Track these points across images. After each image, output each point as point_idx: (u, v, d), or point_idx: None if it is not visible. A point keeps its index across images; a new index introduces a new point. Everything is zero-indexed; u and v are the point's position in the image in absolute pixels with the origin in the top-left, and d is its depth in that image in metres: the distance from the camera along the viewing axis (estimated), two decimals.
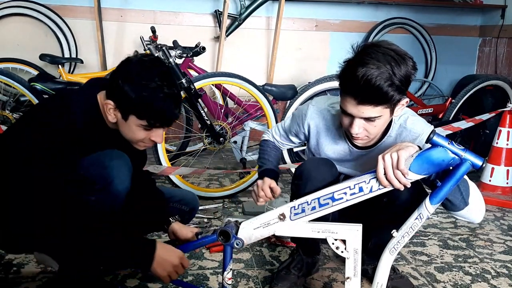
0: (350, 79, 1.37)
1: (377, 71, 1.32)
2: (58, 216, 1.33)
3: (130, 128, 1.46)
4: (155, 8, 4.06)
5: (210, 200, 2.81)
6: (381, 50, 1.36)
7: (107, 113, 1.46)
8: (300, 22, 4.29)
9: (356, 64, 1.36)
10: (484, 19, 4.61)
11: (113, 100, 1.44)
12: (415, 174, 1.30)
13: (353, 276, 1.38)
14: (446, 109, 3.60)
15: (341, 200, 1.37)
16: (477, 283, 1.95)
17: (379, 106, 1.38)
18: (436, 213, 2.76)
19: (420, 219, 1.34)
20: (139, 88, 1.40)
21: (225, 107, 3.27)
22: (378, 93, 1.34)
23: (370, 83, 1.33)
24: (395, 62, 1.34)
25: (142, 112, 1.43)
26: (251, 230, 1.45)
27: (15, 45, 3.87)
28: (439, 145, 1.28)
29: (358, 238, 1.37)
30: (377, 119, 1.42)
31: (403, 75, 1.36)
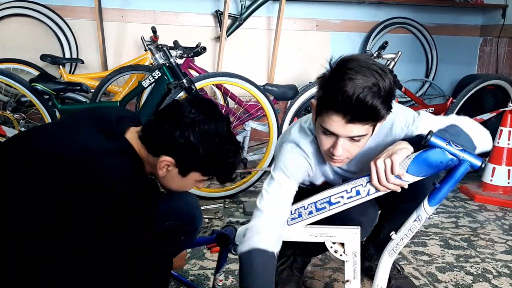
0: (337, 96, 1.20)
1: (368, 87, 1.19)
2: None
3: (185, 182, 1.33)
4: (155, 8, 4.06)
5: (211, 200, 2.80)
6: (363, 64, 1.24)
7: (158, 169, 1.27)
8: (301, 22, 4.29)
9: (341, 80, 1.21)
10: (485, 19, 4.61)
11: (173, 156, 1.25)
12: (413, 176, 1.29)
13: (353, 279, 1.38)
14: (447, 109, 3.59)
15: (338, 204, 1.36)
16: (478, 283, 1.95)
17: (368, 124, 1.26)
18: (437, 213, 2.76)
19: (419, 221, 1.34)
20: (213, 146, 1.25)
21: (226, 107, 3.27)
22: (372, 111, 1.21)
23: (363, 101, 1.19)
24: (380, 77, 1.22)
25: (211, 170, 1.32)
26: None
27: (15, 45, 3.88)
28: (437, 146, 1.26)
29: (356, 241, 1.37)
30: (362, 138, 1.29)
31: (388, 90, 1.23)
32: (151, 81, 2.83)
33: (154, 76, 2.82)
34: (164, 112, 1.30)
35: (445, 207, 2.87)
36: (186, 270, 1.95)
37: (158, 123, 1.27)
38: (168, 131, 1.24)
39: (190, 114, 1.25)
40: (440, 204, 2.95)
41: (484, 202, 2.98)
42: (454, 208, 2.87)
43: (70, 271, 1.12)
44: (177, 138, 1.23)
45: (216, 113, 1.30)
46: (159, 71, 2.80)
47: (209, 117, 1.27)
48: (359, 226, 1.39)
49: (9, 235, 1.10)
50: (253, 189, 2.94)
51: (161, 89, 2.83)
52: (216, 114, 1.30)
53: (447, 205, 2.91)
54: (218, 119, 1.29)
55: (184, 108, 1.26)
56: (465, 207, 2.90)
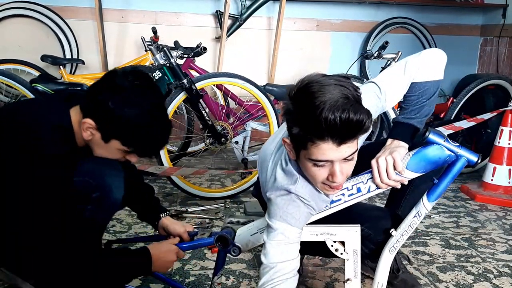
0: (319, 125, 1.13)
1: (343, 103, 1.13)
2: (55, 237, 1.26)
3: (108, 150, 1.36)
4: (156, 9, 4.06)
5: (212, 201, 2.81)
6: (322, 82, 1.18)
7: (82, 130, 1.32)
8: (301, 22, 4.29)
9: (313, 106, 1.13)
10: (485, 19, 4.61)
11: (95, 120, 1.30)
12: (412, 172, 1.32)
13: (353, 277, 1.38)
14: (448, 109, 3.59)
15: (339, 201, 1.37)
16: (479, 283, 1.94)
17: (357, 138, 1.20)
18: (438, 213, 2.76)
19: (419, 217, 1.37)
20: (133, 116, 1.28)
21: (227, 108, 3.27)
22: (359, 124, 1.14)
23: (348, 119, 1.12)
24: (343, 87, 1.17)
25: (131, 140, 1.33)
26: (248, 236, 1.44)
27: (16, 46, 3.88)
28: (435, 143, 1.30)
29: (357, 239, 1.36)
30: (354, 154, 1.22)
31: (356, 95, 1.19)
32: None
33: (154, 77, 2.82)
34: (101, 79, 1.35)
35: (446, 207, 2.87)
36: (187, 270, 1.95)
37: (92, 88, 1.34)
38: (93, 94, 1.31)
39: (118, 81, 1.29)
40: (441, 204, 2.96)
41: (485, 201, 2.98)
42: (455, 208, 2.87)
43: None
44: (99, 102, 1.28)
45: (147, 87, 1.33)
46: (160, 71, 2.80)
47: (137, 88, 1.30)
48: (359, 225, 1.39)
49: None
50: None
51: (162, 90, 2.83)
52: (147, 87, 1.33)
53: (448, 205, 2.91)
54: (147, 92, 1.32)
55: (116, 76, 1.31)
56: (466, 207, 2.90)
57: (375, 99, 1.40)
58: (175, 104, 2.73)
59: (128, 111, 1.27)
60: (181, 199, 2.82)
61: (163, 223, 1.69)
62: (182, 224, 1.69)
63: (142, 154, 1.41)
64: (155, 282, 1.82)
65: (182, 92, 2.72)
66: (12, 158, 1.25)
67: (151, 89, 1.34)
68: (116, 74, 1.32)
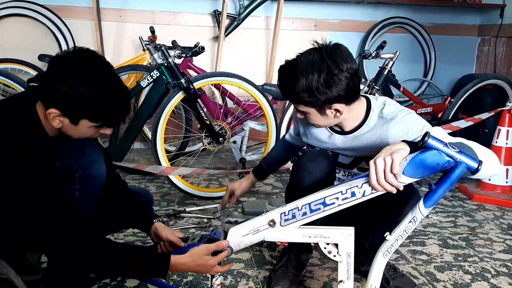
0: (278, 73, 1.57)
1: (293, 76, 1.49)
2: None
3: (80, 130, 1.40)
4: (154, 8, 4.06)
5: (210, 200, 2.80)
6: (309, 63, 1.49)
7: (51, 121, 1.36)
8: (299, 22, 4.29)
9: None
10: (483, 19, 4.62)
11: (57, 107, 1.34)
12: (408, 177, 1.27)
13: (346, 279, 1.37)
14: (446, 109, 3.60)
15: (333, 205, 1.35)
16: (477, 282, 1.95)
17: (298, 104, 1.56)
18: (436, 212, 2.76)
19: (414, 222, 1.32)
20: (89, 92, 1.32)
21: (224, 107, 3.28)
22: (289, 92, 1.53)
23: (283, 82, 1.56)
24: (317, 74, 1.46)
25: (96, 115, 1.37)
26: (240, 237, 1.43)
27: (14, 45, 3.87)
28: (434, 148, 1.23)
29: (350, 242, 1.36)
30: (306, 113, 1.57)
31: (317, 87, 1.47)
32: (149, 81, 2.84)
33: (152, 76, 2.82)
34: (47, 68, 1.37)
35: (444, 207, 2.88)
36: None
37: (43, 78, 1.37)
38: (47, 84, 1.34)
39: (64, 64, 1.34)
40: (439, 203, 2.97)
41: (482, 201, 2.99)
42: (453, 208, 2.87)
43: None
44: (54, 89, 1.32)
45: (92, 61, 1.37)
46: (158, 71, 2.80)
47: (83, 65, 1.33)
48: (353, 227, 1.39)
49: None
50: (252, 188, 2.94)
51: (160, 89, 2.83)
52: (92, 61, 1.37)
53: (445, 205, 2.91)
54: (93, 65, 1.36)
55: (61, 60, 1.35)
56: (463, 207, 2.90)
57: (408, 125, 1.54)
58: (173, 104, 2.72)
59: (82, 89, 1.31)
60: (179, 199, 2.82)
61: (155, 228, 1.67)
62: (172, 231, 1.66)
63: (111, 124, 1.45)
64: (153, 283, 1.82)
65: (180, 92, 2.71)
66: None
67: (96, 61, 1.38)
68: (60, 59, 1.36)
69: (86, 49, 1.40)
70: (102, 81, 1.35)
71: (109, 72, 1.39)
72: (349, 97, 1.52)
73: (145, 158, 3.70)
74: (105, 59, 1.43)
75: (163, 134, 2.73)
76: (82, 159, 1.48)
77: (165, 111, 2.70)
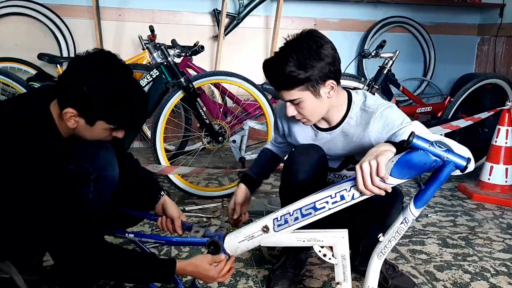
0: (264, 71, 1.57)
1: (280, 61, 1.50)
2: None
3: (95, 131, 1.40)
4: (153, 7, 4.06)
5: (209, 200, 2.80)
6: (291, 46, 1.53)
7: (66, 121, 1.36)
8: (299, 21, 4.29)
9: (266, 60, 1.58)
10: (482, 18, 4.62)
11: (74, 107, 1.34)
12: (396, 179, 1.26)
13: (343, 281, 1.38)
14: (445, 108, 3.60)
15: (324, 209, 1.34)
16: (476, 282, 1.95)
17: (293, 90, 1.52)
18: (435, 211, 2.76)
19: (406, 223, 1.31)
20: (110, 95, 1.32)
21: (224, 106, 3.28)
22: (281, 77, 1.51)
23: (273, 70, 1.53)
24: (300, 52, 1.49)
25: (114, 117, 1.38)
26: (236, 244, 1.45)
27: (13, 44, 3.86)
28: (420, 148, 1.21)
29: (344, 244, 1.36)
30: (300, 101, 1.55)
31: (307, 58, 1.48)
32: (149, 80, 2.83)
33: (152, 75, 2.82)
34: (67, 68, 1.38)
35: (443, 206, 2.88)
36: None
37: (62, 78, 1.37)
38: (66, 84, 1.34)
39: (85, 66, 1.34)
40: (438, 202, 2.97)
41: (482, 200, 2.99)
42: (452, 207, 2.87)
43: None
44: (74, 89, 1.31)
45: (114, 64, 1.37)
46: (157, 70, 2.79)
47: (105, 68, 1.34)
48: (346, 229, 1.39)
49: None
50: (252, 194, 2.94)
51: (159, 88, 2.82)
52: (114, 65, 1.37)
53: (445, 204, 2.91)
54: (115, 69, 1.36)
55: (82, 61, 1.35)
56: (463, 206, 2.90)
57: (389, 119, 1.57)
58: (173, 103, 2.72)
59: (103, 91, 1.31)
60: (178, 198, 2.82)
61: (163, 201, 1.71)
62: (179, 210, 1.71)
63: (127, 127, 1.45)
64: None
65: (179, 91, 2.71)
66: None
67: (117, 64, 1.38)
68: (81, 60, 1.36)
69: (107, 52, 1.41)
70: (123, 84, 1.35)
71: (129, 76, 1.40)
72: (337, 72, 1.56)
73: (145, 157, 3.69)
74: (125, 62, 1.43)
75: (162, 133, 2.73)
76: (97, 161, 1.48)
77: (165, 110, 2.69)
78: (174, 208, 1.70)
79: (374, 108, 1.61)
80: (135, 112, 1.41)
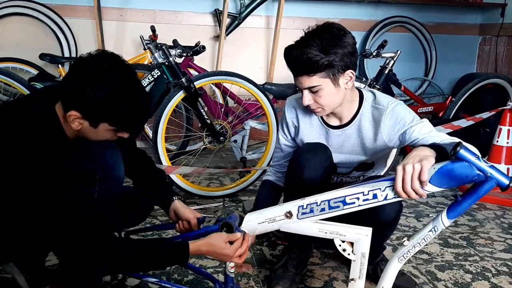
0: (286, 56, 1.59)
1: (303, 45, 1.52)
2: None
3: (99, 133, 1.40)
4: (155, 7, 4.06)
5: (211, 199, 2.81)
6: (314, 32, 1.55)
7: (70, 123, 1.36)
8: (300, 21, 4.28)
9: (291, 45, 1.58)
10: (484, 18, 4.61)
11: (78, 110, 1.33)
12: (434, 186, 1.23)
13: (358, 278, 1.36)
14: (446, 108, 3.60)
15: (353, 204, 1.31)
16: (477, 281, 1.95)
17: (314, 76, 1.53)
18: (437, 211, 2.76)
19: (434, 232, 1.29)
20: (112, 97, 1.31)
21: (225, 106, 3.27)
22: (304, 62, 1.51)
23: (296, 54, 1.53)
24: (323, 38, 1.51)
25: (116, 120, 1.37)
26: (255, 224, 1.42)
27: (15, 44, 3.87)
28: (465, 160, 1.18)
29: (366, 243, 1.34)
30: (319, 89, 1.55)
31: (331, 45, 1.50)
32: (150, 80, 2.83)
33: (153, 75, 2.82)
34: (70, 69, 1.37)
35: (445, 206, 2.87)
36: (185, 269, 1.95)
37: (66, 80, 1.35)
38: (70, 86, 1.33)
39: (88, 68, 1.32)
40: (439, 202, 2.96)
41: (483, 200, 2.98)
42: None
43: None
44: (77, 92, 1.31)
45: (117, 65, 1.35)
46: (158, 70, 2.80)
47: (108, 70, 1.32)
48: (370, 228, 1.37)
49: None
50: (252, 188, 2.95)
51: (160, 88, 2.83)
52: (116, 66, 1.35)
53: (446, 204, 2.91)
54: (118, 70, 1.34)
55: (85, 63, 1.33)
56: None
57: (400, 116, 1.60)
58: (174, 103, 2.72)
59: (106, 93, 1.30)
60: None
61: (175, 206, 1.70)
62: (192, 210, 1.70)
63: (130, 129, 1.45)
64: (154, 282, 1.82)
65: (180, 91, 2.71)
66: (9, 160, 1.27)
67: (120, 66, 1.37)
68: (84, 62, 1.35)
69: (110, 53, 1.39)
70: (126, 86, 1.34)
71: (132, 78, 1.38)
72: (355, 65, 1.60)
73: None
74: (128, 63, 1.42)
75: (164, 133, 2.73)
76: (103, 161, 1.49)
77: (166, 110, 2.70)
78: (186, 211, 1.69)
79: (384, 105, 1.64)
80: (138, 114, 1.41)
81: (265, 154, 2.98)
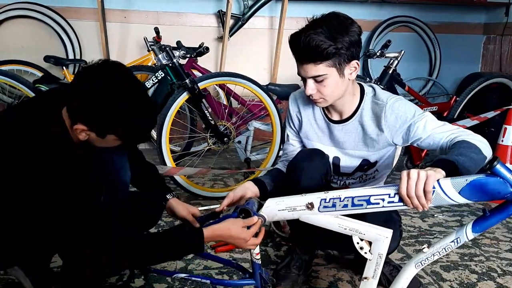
0: (291, 43, 1.54)
1: (311, 32, 1.48)
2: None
3: (107, 142, 1.39)
4: (158, 9, 4.07)
5: (215, 200, 2.81)
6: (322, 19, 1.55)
7: (77, 135, 1.34)
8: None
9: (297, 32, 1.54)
10: (488, 17, 4.60)
11: (84, 124, 1.31)
12: (463, 198, 1.20)
13: (372, 278, 1.35)
14: (451, 107, 3.58)
15: (377, 205, 1.29)
16: (483, 282, 1.94)
17: (320, 64, 1.50)
18: (442, 211, 2.75)
19: (456, 243, 1.27)
20: (118, 111, 1.29)
21: (229, 107, 3.28)
22: (311, 49, 1.48)
23: (304, 41, 1.48)
24: (331, 25, 1.51)
25: (123, 132, 1.36)
26: (275, 211, 1.40)
27: (19, 47, 3.89)
28: (501, 176, 1.14)
29: (385, 244, 1.32)
30: (324, 78, 1.52)
31: (338, 33, 1.49)
32: (154, 82, 2.84)
33: (157, 77, 2.83)
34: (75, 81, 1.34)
35: (449, 206, 2.87)
36: (190, 270, 1.95)
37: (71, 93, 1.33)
38: (75, 100, 1.31)
39: (94, 81, 1.29)
40: None
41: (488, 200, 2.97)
42: (458, 207, 2.86)
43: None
44: (83, 106, 1.29)
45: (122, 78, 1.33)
46: (162, 71, 2.80)
47: (114, 84, 1.30)
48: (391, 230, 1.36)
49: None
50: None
51: (164, 90, 2.83)
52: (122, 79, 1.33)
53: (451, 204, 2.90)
54: (124, 84, 1.32)
55: (90, 76, 1.30)
56: (469, 206, 2.89)
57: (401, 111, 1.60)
58: (178, 104, 2.73)
59: (111, 107, 1.28)
60: (184, 199, 2.82)
61: (170, 204, 1.69)
62: (186, 207, 1.68)
63: (136, 140, 1.45)
64: (159, 282, 1.82)
65: (184, 92, 2.72)
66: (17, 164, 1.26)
67: (125, 77, 1.35)
68: (88, 73, 1.32)
69: (113, 63, 1.37)
70: (132, 99, 1.32)
71: (138, 89, 1.36)
72: (359, 54, 1.59)
73: (150, 158, 3.68)
74: (133, 73, 1.40)
75: (168, 135, 2.73)
76: (110, 165, 1.48)
77: (170, 112, 2.70)
78: (180, 208, 1.67)
79: (384, 101, 1.63)
80: (146, 125, 1.39)
81: (269, 155, 2.98)
